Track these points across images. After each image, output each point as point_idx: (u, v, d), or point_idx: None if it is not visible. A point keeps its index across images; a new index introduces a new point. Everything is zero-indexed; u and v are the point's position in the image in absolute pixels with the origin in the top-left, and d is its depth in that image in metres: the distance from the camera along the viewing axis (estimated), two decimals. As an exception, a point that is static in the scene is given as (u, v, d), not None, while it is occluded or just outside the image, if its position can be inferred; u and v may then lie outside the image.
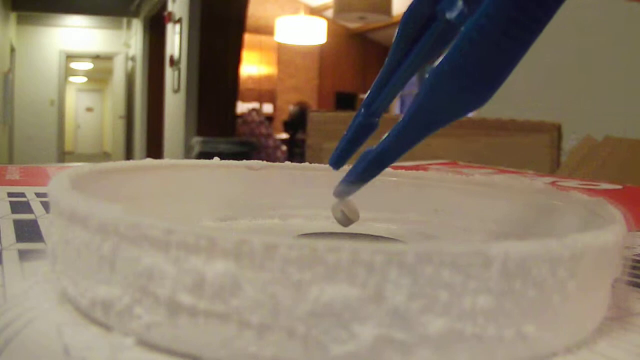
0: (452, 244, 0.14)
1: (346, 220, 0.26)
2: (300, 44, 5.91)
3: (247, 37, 5.01)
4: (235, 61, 4.46)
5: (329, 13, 5.43)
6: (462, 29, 0.21)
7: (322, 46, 6.32)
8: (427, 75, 0.21)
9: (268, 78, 6.60)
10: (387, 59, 0.25)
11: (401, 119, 0.23)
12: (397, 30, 0.24)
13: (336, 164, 0.26)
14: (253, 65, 6.44)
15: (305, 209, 0.33)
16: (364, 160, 0.24)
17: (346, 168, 0.26)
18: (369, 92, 0.26)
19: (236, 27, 4.41)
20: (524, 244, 0.15)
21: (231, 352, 0.14)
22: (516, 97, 1.53)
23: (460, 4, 0.22)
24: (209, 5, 4.28)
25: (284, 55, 6.55)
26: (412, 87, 0.25)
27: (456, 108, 0.22)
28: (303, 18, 5.51)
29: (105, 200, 0.17)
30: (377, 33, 6.59)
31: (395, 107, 7.08)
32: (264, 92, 6.55)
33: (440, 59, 0.21)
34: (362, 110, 0.26)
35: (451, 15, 0.22)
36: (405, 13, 0.24)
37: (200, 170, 0.31)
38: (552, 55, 1.44)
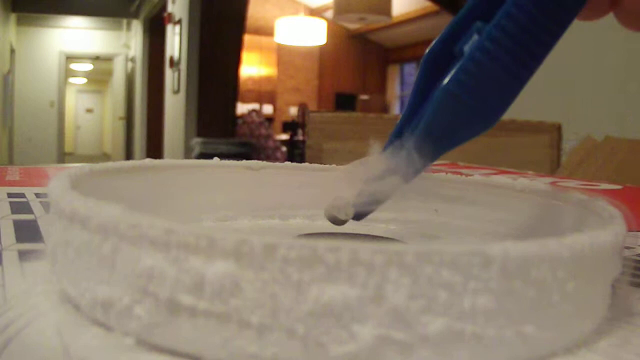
0: (452, 244, 0.14)
1: (339, 220, 0.26)
2: (300, 45, 5.91)
3: (247, 38, 5.02)
4: (235, 62, 4.46)
5: (329, 14, 5.43)
6: (467, 50, 0.21)
7: (322, 47, 6.32)
8: (433, 97, 0.21)
9: (268, 79, 6.60)
10: (408, 101, 0.25)
11: (408, 144, 0.22)
12: (418, 70, 0.24)
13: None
14: (253, 66, 6.44)
15: (305, 209, 0.33)
16: (375, 185, 0.24)
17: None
18: (391, 133, 0.25)
19: (236, 28, 4.41)
20: (524, 244, 0.15)
21: (231, 352, 0.14)
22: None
23: (477, 38, 0.22)
24: (209, 6, 4.28)
25: (284, 56, 6.56)
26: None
27: (463, 130, 0.22)
28: (303, 19, 5.51)
29: (105, 200, 0.17)
30: (377, 34, 6.59)
31: (396, 108, 7.08)
32: (264, 93, 6.55)
33: (445, 80, 0.21)
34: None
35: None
36: (425, 53, 0.24)
37: (200, 170, 0.31)
38: (552, 55, 1.43)
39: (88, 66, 9.56)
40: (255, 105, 5.87)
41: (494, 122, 0.22)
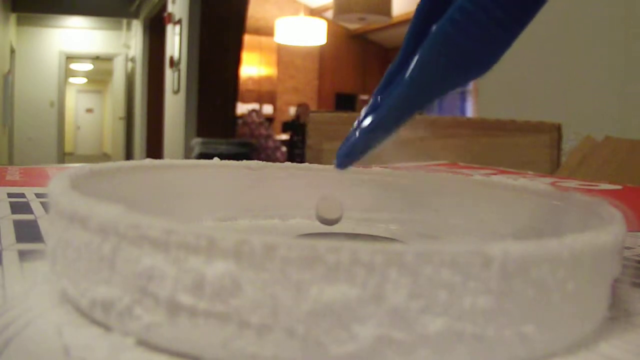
0: (452, 244, 0.14)
1: (328, 220, 0.26)
2: (300, 45, 5.91)
3: (247, 38, 5.02)
4: (235, 62, 4.47)
5: (329, 14, 5.43)
6: None
7: (322, 47, 6.32)
8: (428, 37, 0.21)
9: (268, 79, 6.60)
10: (401, 47, 0.24)
11: (400, 84, 0.22)
12: (412, 18, 0.23)
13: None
14: (253, 66, 6.43)
15: (305, 209, 0.33)
16: (364, 129, 0.23)
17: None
18: (382, 80, 0.24)
19: (236, 28, 4.41)
20: (524, 244, 0.15)
21: (231, 352, 0.14)
22: (516, 97, 1.53)
23: None
24: (209, 6, 4.28)
25: (284, 56, 6.55)
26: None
27: (455, 74, 0.21)
28: (303, 19, 5.51)
29: (105, 200, 0.17)
30: (377, 34, 6.59)
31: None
32: (264, 93, 6.55)
33: (440, 20, 0.21)
34: (372, 100, 0.24)
35: None
36: (419, 3, 0.23)
37: (200, 170, 0.31)
38: (552, 55, 1.43)
39: (88, 66, 9.55)
40: (255, 105, 5.86)
41: (487, 67, 0.21)
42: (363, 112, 0.24)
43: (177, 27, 4.55)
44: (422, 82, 0.21)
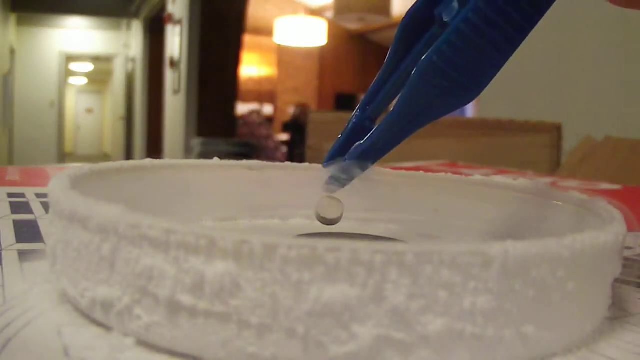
0: (452, 244, 0.14)
1: (328, 220, 0.26)
2: (300, 45, 5.90)
3: (247, 38, 5.02)
4: (235, 62, 4.47)
5: (329, 14, 5.43)
6: (452, 22, 0.21)
7: (321, 47, 6.32)
8: (415, 67, 0.21)
9: (268, 79, 6.60)
10: (385, 62, 0.25)
11: (390, 112, 0.23)
12: (395, 34, 0.24)
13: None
14: (253, 67, 6.43)
15: (305, 209, 0.33)
16: (354, 154, 0.24)
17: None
18: (366, 94, 0.25)
19: (236, 29, 4.41)
20: (524, 244, 0.15)
21: (231, 352, 0.14)
22: (516, 97, 1.53)
23: (456, 6, 0.22)
24: (209, 6, 4.28)
25: (284, 56, 6.55)
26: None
27: (444, 102, 0.22)
28: (303, 19, 5.51)
29: (105, 200, 0.17)
30: (376, 34, 6.59)
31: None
32: (264, 93, 6.54)
33: (428, 51, 0.21)
34: (358, 111, 0.25)
35: (448, 17, 0.22)
36: (404, 17, 0.24)
37: (200, 170, 0.31)
38: (552, 55, 1.43)
39: (88, 66, 9.55)
40: (255, 106, 5.86)
41: (475, 95, 0.22)
42: (353, 117, 0.25)
43: (177, 27, 4.55)
44: (410, 113, 0.22)
